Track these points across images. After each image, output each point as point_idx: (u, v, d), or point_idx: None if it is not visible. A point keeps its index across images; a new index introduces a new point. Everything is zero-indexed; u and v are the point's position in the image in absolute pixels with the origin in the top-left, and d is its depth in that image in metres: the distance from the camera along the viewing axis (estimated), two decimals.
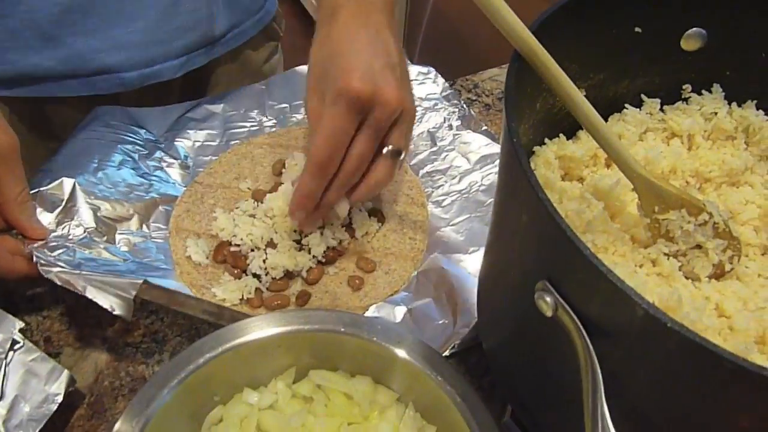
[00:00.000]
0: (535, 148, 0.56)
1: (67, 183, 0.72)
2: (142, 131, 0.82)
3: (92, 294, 0.61)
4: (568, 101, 0.48)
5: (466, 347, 0.63)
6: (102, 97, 0.84)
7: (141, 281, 0.61)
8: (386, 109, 0.61)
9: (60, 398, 0.58)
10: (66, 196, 0.71)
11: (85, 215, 0.70)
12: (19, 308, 0.68)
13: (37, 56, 0.78)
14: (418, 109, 0.86)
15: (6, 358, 0.59)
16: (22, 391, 0.58)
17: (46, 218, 0.68)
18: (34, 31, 0.76)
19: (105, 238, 0.70)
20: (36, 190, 0.70)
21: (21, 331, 0.60)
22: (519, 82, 0.46)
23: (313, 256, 0.70)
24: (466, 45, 1.90)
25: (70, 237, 0.68)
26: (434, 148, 0.83)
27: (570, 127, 0.58)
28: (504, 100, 0.44)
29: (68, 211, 0.70)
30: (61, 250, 0.66)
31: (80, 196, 0.72)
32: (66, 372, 0.60)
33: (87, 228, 0.70)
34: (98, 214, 0.71)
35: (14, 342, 0.59)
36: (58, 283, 0.62)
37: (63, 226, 0.69)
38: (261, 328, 0.54)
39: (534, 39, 0.45)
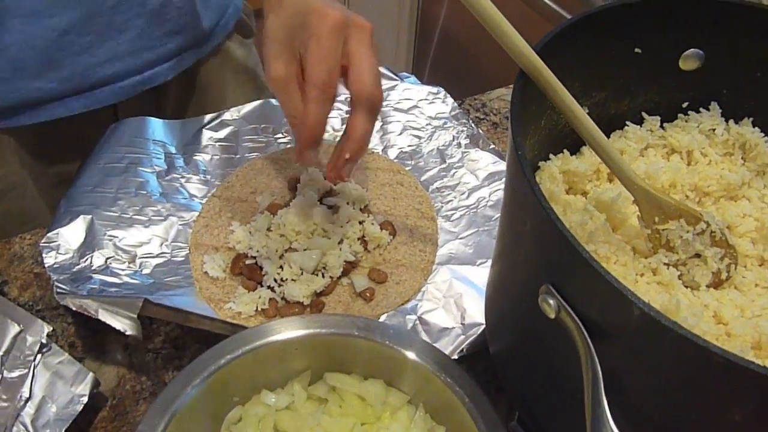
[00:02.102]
0: (540, 163, 0.58)
1: (85, 219, 0.75)
2: (161, 146, 0.85)
3: (104, 317, 0.64)
4: (572, 118, 0.50)
5: (473, 352, 0.65)
6: (102, 111, 0.87)
7: (141, 300, 0.64)
8: (364, 29, 0.66)
9: (85, 399, 0.61)
10: (85, 233, 0.74)
11: (105, 246, 0.74)
12: (45, 315, 0.71)
13: (38, 81, 0.81)
14: (428, 128, 0.90)
15: (34, 360, 0.61)
16: (49, 392, 0.61)
17: (68, 254, 0.71)
18: (35, 58, 0.79)
19: (126, 264, 0.73)
20: (56, 230, 0.73)
21: (48, 335, 0.63)
22: (524, 100, 0.48)
23: (330, 276, 0.73)
24: (474, 66, 1.93)
25: (93, 267, 0.71)
26: (443, 165, 0.86)
27: (573, 143, 0.60)
28: (510, 115, 0.47)
29: (88, 244, 0.73)
30: (83, 280, 0.69)
31: (99, 230, 0.75)
32: (91, 374, 0.62)
33: (108, 257, 0.73)
34: (117, 243, 0.74)
35: (42, 345, 0.62)
36: (73, 308, 0.65)
37: (85, 258, 0.72)
38: (279, 332, 0.56)
39: (538, 58, 0.48)
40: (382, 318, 0.69)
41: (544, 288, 0.43)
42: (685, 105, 0.62)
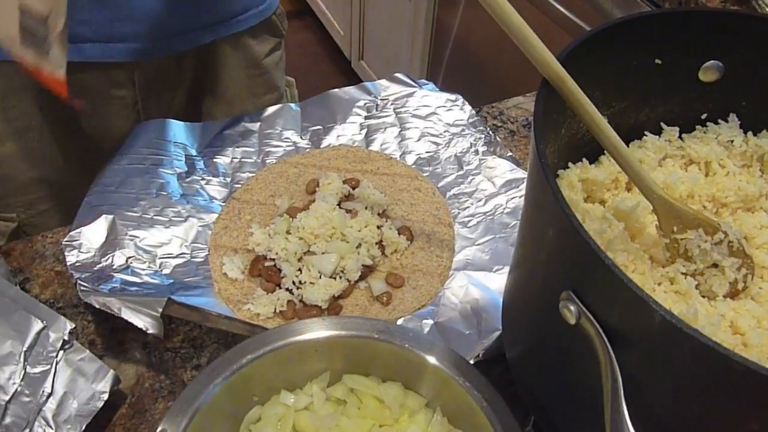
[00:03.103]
0: (560, 172, 0.59)
1: (107, 219, 0.76)
2: (182, 148, 0.86)
3: (127, 315, 0.65)
4: (593, 126, 0.51)
5: (489, 357, 0.66)
6: (119, 70, 0.89)
7: (165, 299, 0.65)
8: None
9: (106, 396, 0.62)
10: (107, 232, 0.75)
11: (126, 246, 0.75)
12: (66, 313, 0.72)
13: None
14: (445, 134, 0.91)
15: (57, 356, 0.62)
16: (70, 388, 0.62)
17: (90, 252, 0.73)
18: None
19: (147, 264, 0.74)
20: (78, 229, 0.74)
21: (70, 332, 0.64)
22: (547, 109, 0.49)
23: (347, 280, 0.74)
24: (488, 73, 1.94)
25: (114, 266, 0.72)
26: (461, 172, 0.87)
27: (592, 151, 0.61)
28: (533, 123, 0.47)
29: (110, 243, 0.74)
30: (105, 279, 0.70)
31: (120, 229, 0.76)
32: (111, 372, 0.63)
33: (129, 257, 0.74)
34: (138, 243, 0.75)
35: (65, 342, 0.63)
36: (97, 306, 0.66)
37: (106, 257, 0.73)
38: (300, 333, 0.57)
39: (561, 68, 0.49)
40: (399, 322, 0.70)
41: (565, 294, 0.43)
42: (704, 116, 0.63)
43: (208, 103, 1.05)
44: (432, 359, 0.56)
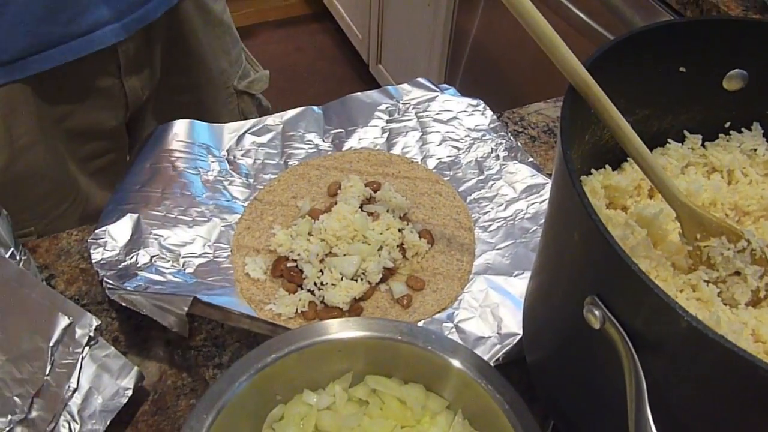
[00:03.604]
0: (582, 178, 0.59)
1: (132, 218, 0.77)
2: (205, 149, 0.87)
3: (152, 313, 0.66)
4: (618, 132, 0.51)
5: (508, 361, 0.66)
6: (104, 57, 0.90)
7: (191, 298, 0.66)
8: None
9: (130, 392, 0.63)
10: (131, 231, 0.76)
11: (150, 245, 0.76)
12: (90, 310, 0.73)
13: (44, 25, 0.82)
14: (466, 139, 0.91)
15: (82, 352, 0.63)
16: (95, 383, 0.63)
17: (115, 250, 0.74)
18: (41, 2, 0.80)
19: (170, 262, 0.75)
20: (104, 227, 0.75)
21: (95, 329, 0.65)
22: (572, 114, 0.50)
23: (369, 282, 0.75)
24: (504, 80, 1.95)
25: (138, 265, 0.73)
26: (481, 177, 0.87)
27: (614, 158, 0.61)
28: (559, 128, 0.48)
29: (135, 242, 0.75)
30: (129, 277, 0.71)
31: (145, 228, 0.77)
32: (136, 368, 0.64)
33: (153, 255, 0.75)
34: (162, 242, 0.76)
35: (90, 338, 0.64)
36: (123, 303, 0.67)
37: (131, 255, 0.74)
38: (323, 334, 0.58)
39: (588, 75, 0.49)
40: (419, 325, 0.71)
41: (589, 299, 0.44)
42: (727, 124, 0.63)
43: (184, 69, 1.07)
44: (455, 361, 0.56)
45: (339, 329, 0.58)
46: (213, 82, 1.12)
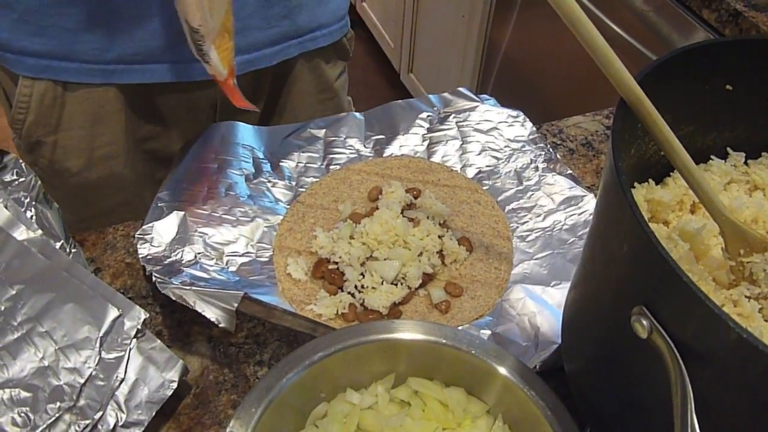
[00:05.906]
0: None
1: (178, 215, 0.79)
2: (249, 150, 0.89)
3: (201, 308, 0.68)
4: (666, 146, 0.52)
5: (545, 369, 0.67)
6: (201, 89, 0.91)
7: (242, 294, 0.67)
8: None
9: (175, 385, 0.64)
10: (177, 228, 0.78)
11: (195, 242, 0.78)
12: (135, 303, 0.75)
13: (148, 36, 0.83)
14: (506, 149, 0.92)
15: (130, 344, 0.65)
16: (141, 375, 0.64)
17: (161, 246, 0.76)
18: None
19: (214, 260, 0.77)
20: (151, 223, 0.77)
21: (143, 322, 0.67)
22: (622, 127, 0.51)
23: (408, 287, 0.76)
24: (536, 92, 1.96)
25: (183, 261, 0.75)
26: (520, 187, 0.88)
27: (657, 173, 0.62)
28: (611, 140, 0.49)
29: (180, 239, 0.77)
30: (174, 273, 0.73)
31: (190, 226, 0.79)
32: (181, 362, 0.66)
33: (197, 253, 0.76)
34: (207, 240, 0.78)
35: (138, 331, 0.65)
36: (173, 298, 0.69)
37: (176, 252, 0.76)
38: (368, 334, 0.59)
39: (640, 89, 0.50)
40: None
41: (637, 309, 0.45)
42: None
43: (276, 123, 1.07)
44: (498, 367, 0.57)
45: (383, 330, 0.59)
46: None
